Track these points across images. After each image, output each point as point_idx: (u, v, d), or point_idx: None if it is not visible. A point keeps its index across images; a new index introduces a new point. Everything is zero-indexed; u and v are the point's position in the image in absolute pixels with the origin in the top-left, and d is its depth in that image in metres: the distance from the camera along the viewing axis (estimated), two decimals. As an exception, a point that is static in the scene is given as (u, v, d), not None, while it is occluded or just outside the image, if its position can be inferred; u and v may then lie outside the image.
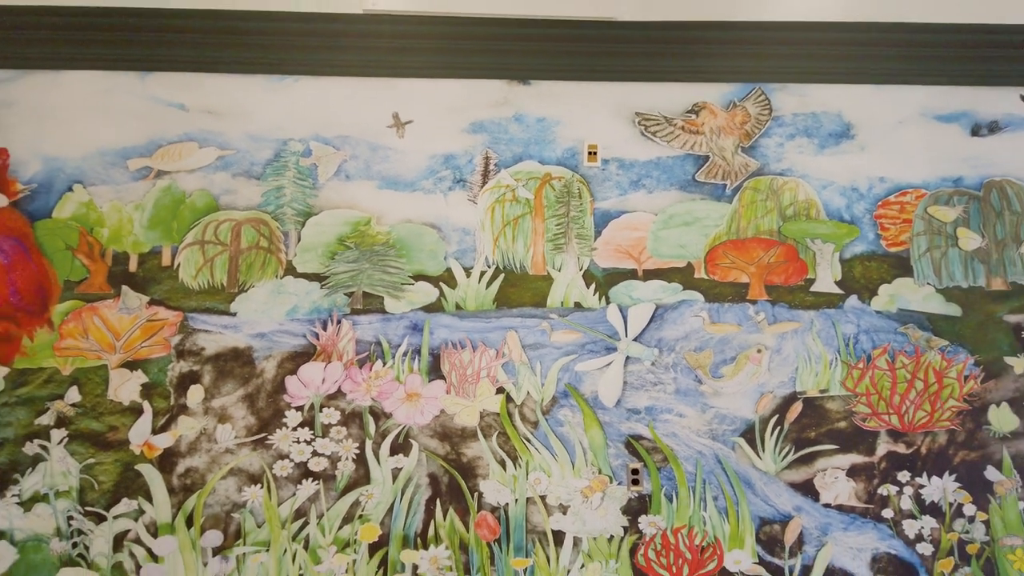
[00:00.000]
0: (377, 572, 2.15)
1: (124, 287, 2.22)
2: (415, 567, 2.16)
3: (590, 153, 2.34)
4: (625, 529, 2.18)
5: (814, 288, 2.29)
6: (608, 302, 2.28)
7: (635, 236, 2.31)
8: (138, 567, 2.13)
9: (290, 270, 2.27)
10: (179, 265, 2.25)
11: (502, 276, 2.29)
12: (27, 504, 2.13)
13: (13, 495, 2.13)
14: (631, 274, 2.30)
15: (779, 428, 2.22)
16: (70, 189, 2.26)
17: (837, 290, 2.28)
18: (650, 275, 2.30)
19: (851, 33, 2.36)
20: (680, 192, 2.33)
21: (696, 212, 2.32)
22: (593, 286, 2.29)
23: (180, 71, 2.32)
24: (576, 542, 2.18)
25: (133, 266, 2.24)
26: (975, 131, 2.35)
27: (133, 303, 2.22)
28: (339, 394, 2.22)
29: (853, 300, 2.28)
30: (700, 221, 2.32)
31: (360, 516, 2.17)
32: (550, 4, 2.35)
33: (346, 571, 2.14)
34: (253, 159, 2.31)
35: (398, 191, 2.32)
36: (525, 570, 2.16)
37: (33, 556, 2.12)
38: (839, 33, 2.36)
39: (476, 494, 2.19)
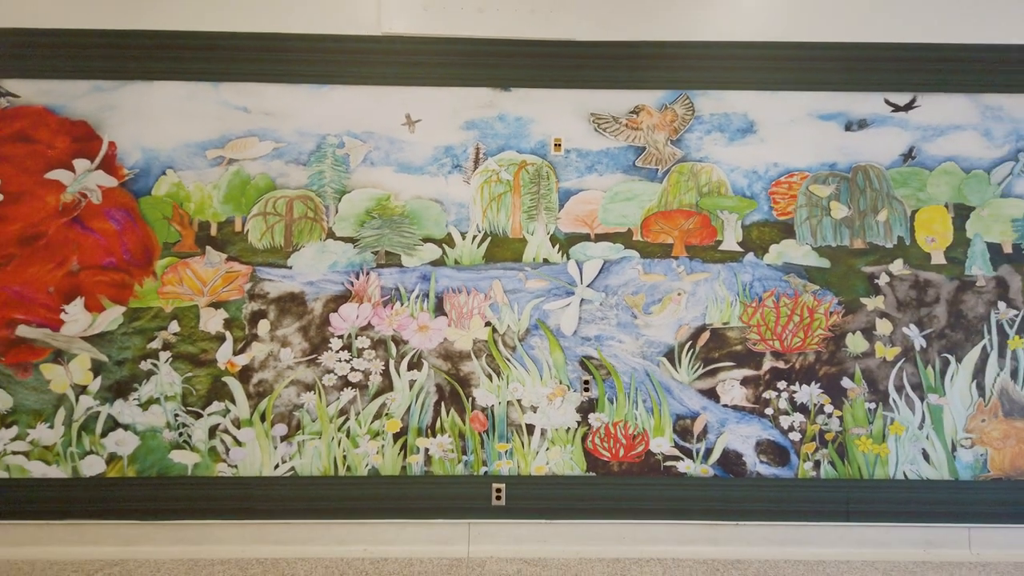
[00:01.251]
0: (399, 453, 2.98)
1: (208, 247, 2.99)
2: (426, 450, 2.99)
3: (556, 144, 3.08)
4: (578, 423, 3.01)
5: (722, 247, 3.06)
6: (568, 258, 3.05)
7: (589, 208, 3.06)
8: (227, 450, 2.95)
9: (330, 234, 3.03)
10: (248, 231, 3.01)
11: (489, 239, 3.05)
12: (144, 405, 2.94)
13: (134, 399, 2.94)
14: (586, 237, 3.06)
15: (692, 350, 3.03)
16: (164, 173, 3.00)
17: (738, 248, 3.06)
18: (600, 238, 3.06)
19: (756, 50, 3.08)
20: (623, 175, 3.08)
21: (635, 190, 3.07)
22: (557, 246, 3.05)
23: (244, 81, 3.03)
24: (543, 432, 3.00)
25: (214, 231, 3.00)
26: (848, 127, 3.09)
27: (215, 259, 2.99)
28: (369, 326, 3.01)
29: (750, 256, 3.05)
30: (638, 197, 3.07)
31: (386, 414, 2.99)
32: (524, 27, 3.06)
33: (377, 452, 2.97)
34: (300, 150, 3.04)
35: (410, 174, 3.06)
36: (506, 452, 2.99)
37: (150, 442, 2.94)
38: (746, 51, 3.08)
39: (470, 398, 3.01)
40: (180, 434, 2.94)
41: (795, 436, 3.01)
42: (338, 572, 2.79)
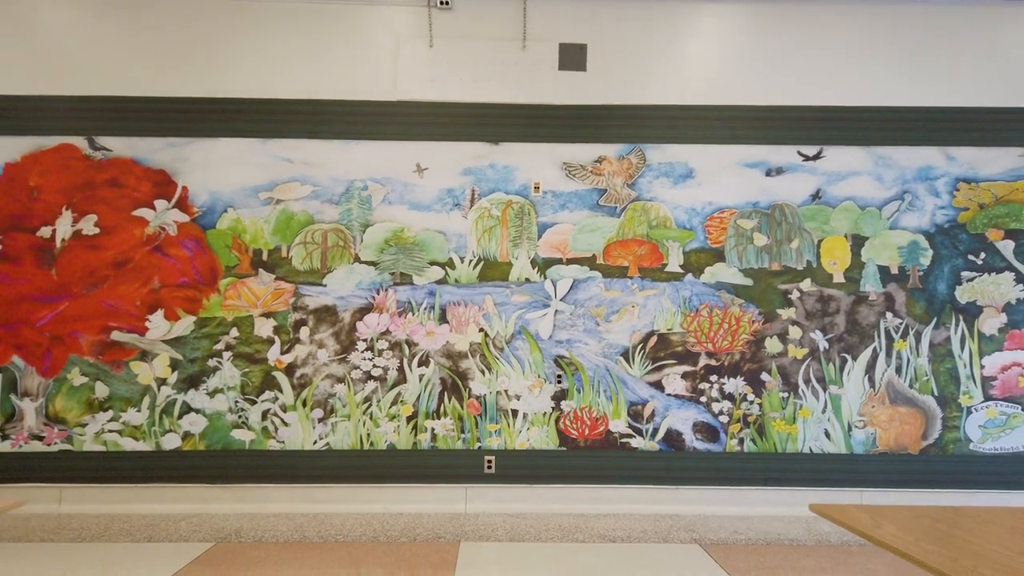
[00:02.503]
0: (411, 432, 3.77)
1: (260, 269, 3.79)
2: (433, 430, 3.79)
3: (535, 187, 3.87)
4: (552, 408, 3.80)
5: (667, 269, 3.85)
6: (545, 278, 3.84)
7: (562, 238, 3.86)
8: (276, 429, 3.75)
9: (357, 259, 3.82)
10: (291, 256, 3.81)
11: (482, 262, 3.84)
12: (211, 394, 3.74)
13: (203, 389, 3.74)
14: (559, 261, 3.85)
15: (643, 351, 3.82)
16: (225, 211, 3.80)
17: (680, 270, 3.85)
18: (571, 262, 3.85)
19: (695, 112, 3.87)
20: (589, 211, 3.87)
21: (598, 223, 3.86)
22: (536, 268, 3.84)
23: (288, 138, 3.83)
24: (524, 416, 3.80)
25: (265, 257, 3.80)
26: (767, 173, 3.88)
27: (266, 279, 3.79)
28: (387, 332, 3.80)
29: (689, 276, 3.85)
30: (601, 229, 3.86)
31: (401, 401, 3.78)
32: (510, 94, 3.85)
33: (393, 431, 3.77)
34: (333, 192, 3.84)
35: (419, 211, 3.85)
36: (495, 431, 3.79)
37: (216, 423, 3.74)
38: (687, 112, 3.87)
39: (467, 389, 3.80)
40: (239, 416, 3.74)
41: (724, 418, 3.80)
42: (364, 523, 3.59)
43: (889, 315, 3.82)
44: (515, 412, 3.80)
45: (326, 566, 3.21)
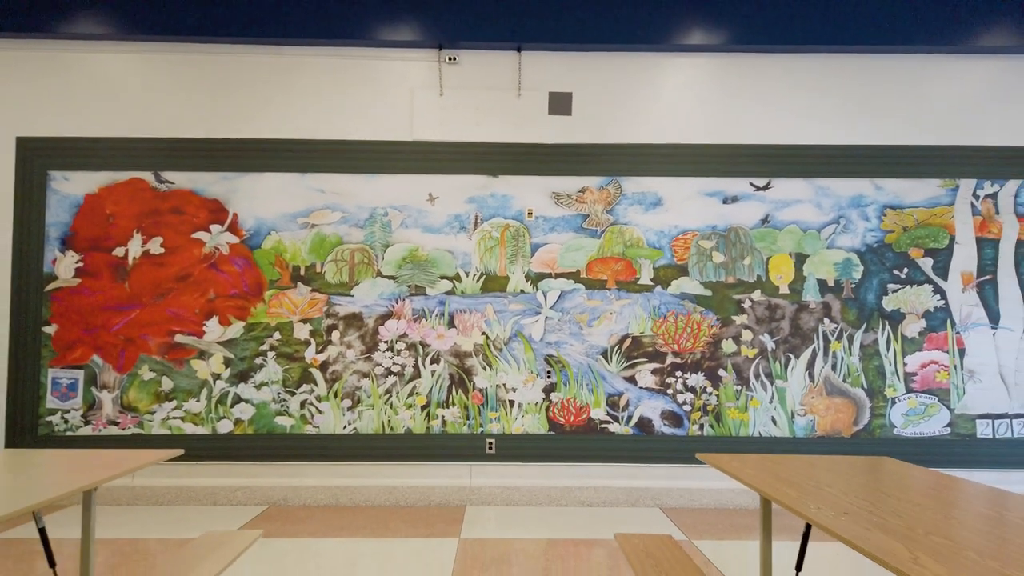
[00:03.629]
0: (425, 419, 4.51)
1: (298, 283, 4.53)
2: (443, 417, 4.52)
3: (528, 213, 4.60)
4: (543, 399, 4.54)
5: (640, 282, 4.58)
6: (537, 289, 4.58)
7: (551, 256, 4.59)
8: (312, 416, 4.49)
9: (379, 274, 4.56)
10: (324, 271, 4.55)
11: (484, 276, 4.58)
12: (258, 387, 4.48)
13: (251, 383, 4.48)
14: (549, 275, 4.59)
15: (619, 351, 4.55)
16: (269, 233, 4.54)
17: (651, 283, 4.58)
18: (558, 276, 4.59)
19: (663, 150, 4.60)
20: (574, 233, 4.60)
21: (582, 244, 4.59)
22: (529, 281, 4.58)
23: (321, 172, 4.57)
24: (520, 405, 4.53)
25: (302, 272, 4.54)
26: (724, 201, 4.61)
27: (303, 291, 4.53)
28: (404, 335, 4.54)
29: (659, 288, 4.58)
30: (584, 248, 4.59)
31: (416, 393, 4.52)
32: (507, 135, 4.59)
33: (410, 418, 4.51)
34: (359, 218, 4.58)
35: (431, 234, 4.59)
36: (495, 418, 4.52)
37: (263, 411, 4.49)
38: (657, 151, 4.60)
39: (472, 383, 4.54)
40: (281, 406, 4.49)
41: (687, 407, 4.53)
42: (387, 493, 4.33)
43: (826, 320, 4.55)
44: (512, 402, 4.54)
45: (360, 523, 3.95)
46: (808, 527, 2.28)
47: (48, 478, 1.86)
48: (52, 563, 2.15)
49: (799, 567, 2.33)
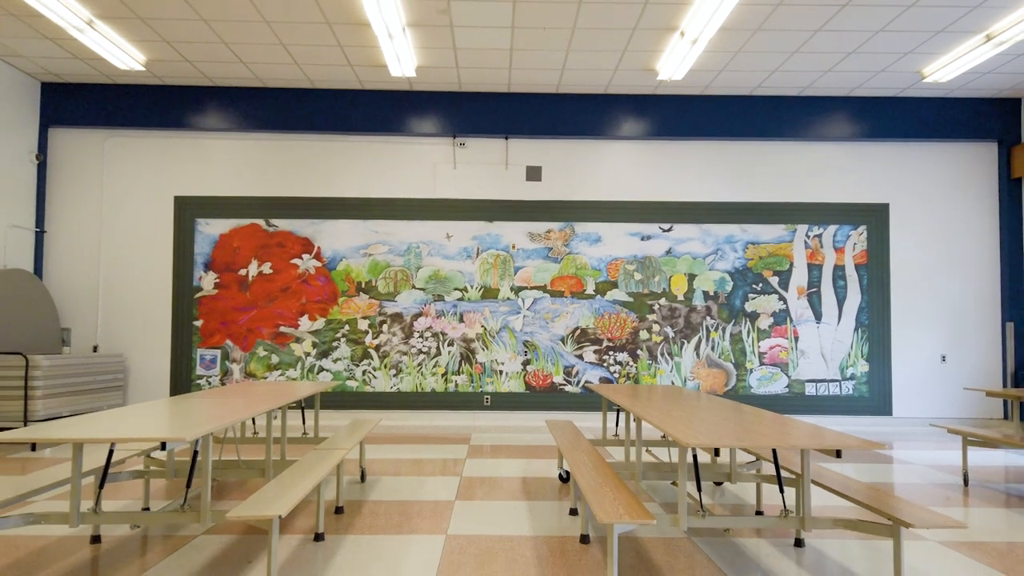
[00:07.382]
0: (444, 383, 6.86)
1: (361, 292, 6.87)
2: (456, 382, 6.88)
3: (512, 246, 6.94)
4: (522, 369, 6.90)
5: (586, 292, 6.93)
6: (519, 297, 6.92)
7: (528, 275, 6.93)
8: (369, 381, 6.84)
9: (414, 287, 6.89)
10: (378, 285, 6.88)
11: (483, 289, 6.92)
12: (335, 361, 6.83)
13: (330, 358, 6.82)
14: (526, 288, 6.93)
15: (572, 338, 6.91)
16: (342, 260, 6.87)
17: (593, 293, 6.93)
18: (533, 288, 6.93)
19: (604, 205, 6.94)
20: (543, 260, 6.95)
21: (548, 267, 6.94)
22: (513, 292, 6.92)
23: (375, 219, 6.89)
24: (507, 374, 6.89)
25: (363, 286, 6.88)
26: (642, 239, 6.97)
27: (363, 298, 6.86)
28: (430, 327, 6.88)
29: (599, 296, 6.93)
30: (549, 270, 6.94)
31: (438, 365, 6.87)
32: (500, 193, 6.92)
33: (435, 382, 6.86)
34: (400, 249, 6.91)
35: (448, 260, 6.92)
36: (491, 383, 6.88)
37: (338, 377, 6.84)
38: (600, 205, 6.94)
39: (475, 359, 6.89)
40: (350, 374, 6.82)
41: (616, 375, 6.89)
42: (419, 430, 6.71)
43: (708, 318, 6.91)
44: (501, 372, 6.89)
45: (404, 445, 6.29)
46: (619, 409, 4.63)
47: (235, 411, 4.19)
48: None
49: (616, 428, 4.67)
